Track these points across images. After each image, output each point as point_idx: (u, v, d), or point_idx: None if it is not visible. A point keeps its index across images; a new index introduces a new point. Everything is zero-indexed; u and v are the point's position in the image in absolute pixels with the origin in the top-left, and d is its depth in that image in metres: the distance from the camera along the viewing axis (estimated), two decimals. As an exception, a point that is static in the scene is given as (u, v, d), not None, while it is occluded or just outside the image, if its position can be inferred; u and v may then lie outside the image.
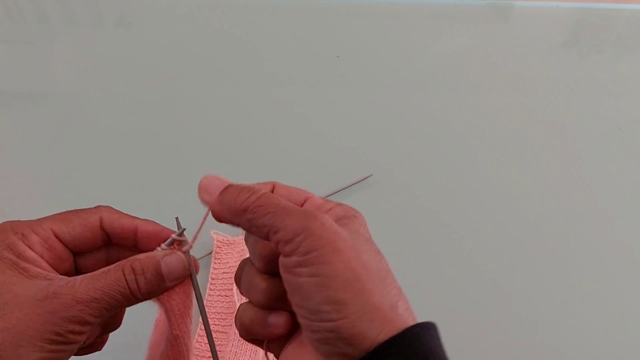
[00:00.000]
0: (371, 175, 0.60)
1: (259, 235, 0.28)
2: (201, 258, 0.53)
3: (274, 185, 0.32)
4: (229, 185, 0.30)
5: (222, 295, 0.51)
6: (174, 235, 0.32)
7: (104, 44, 0.77)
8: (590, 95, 0.71)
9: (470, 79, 0.72)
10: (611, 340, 0.50)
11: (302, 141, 0.65)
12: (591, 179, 0.62)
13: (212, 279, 0.52)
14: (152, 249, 0.33)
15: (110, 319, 0.34)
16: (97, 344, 0.35)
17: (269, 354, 0.31)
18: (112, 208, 0.34)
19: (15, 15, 0.81)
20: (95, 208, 0.33)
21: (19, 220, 0.31)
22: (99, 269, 0.33)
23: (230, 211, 0.29)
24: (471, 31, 0.79)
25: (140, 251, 0.33)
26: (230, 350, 0.47)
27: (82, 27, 0.80)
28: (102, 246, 0.34)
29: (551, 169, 0.62)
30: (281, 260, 0.27)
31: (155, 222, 0.34)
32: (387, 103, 0.69)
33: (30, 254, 0.30)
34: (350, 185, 0.60)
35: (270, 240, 0.28)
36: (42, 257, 0.31)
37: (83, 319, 0.28)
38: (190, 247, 0.33)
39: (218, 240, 0.54)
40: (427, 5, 0.83)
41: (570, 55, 0.77)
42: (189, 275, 0.33)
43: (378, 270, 0.28)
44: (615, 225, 0.58)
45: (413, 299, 0.52)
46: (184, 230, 0.33)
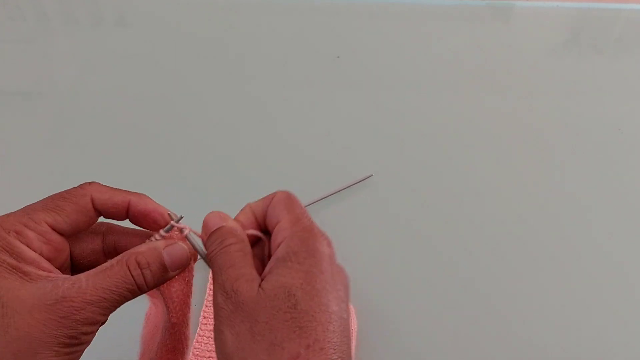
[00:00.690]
0: (371, 175, 0.60)
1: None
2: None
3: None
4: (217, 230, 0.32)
5: None
6: (172, 222, 0.32)
7: (104, 43, 0.77)
8: (589, 96, 0.71)
9: (470, 79, 0.72)
10: (609, 341, 0.50)
11: (302, 141, 0.65)
12: (591, 179, 0.62)
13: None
14: (146, 226, 0.33)
15: None
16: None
17: None
18: (99, 184, 0.33)
19: (14, 15, 0.81)
20: (81, 188, 0.32)
21: (5, 215, 0.30)
22: (95, 256, 0.33)
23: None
24: (471, 31, 0.79)
25: (141, 237, 0.33)
26: None
27: (82, 27, 0.80)
28: (98, 233, 0.34)
29: (551, 169, 0.62)
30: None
31: (147, 197, 0.33)
32: (387, 103, 0.69)
33: (30, 254, 0.29)
34: (350, 185, 0.59)
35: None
36: (42, 254, 0.30)
37: (94, 319, 0.28)
38: (190, 231, 0.32)
39: None
40: (427, 5, 0.83)
41: (570, 56, 0.77)
42: (190, 263, 0.33)
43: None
44: (616, 225, 0.58)
45: (413, 299, 0.53)
46: (182, 217, 0.33)
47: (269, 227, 0.32)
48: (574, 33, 0.81)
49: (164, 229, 0.32)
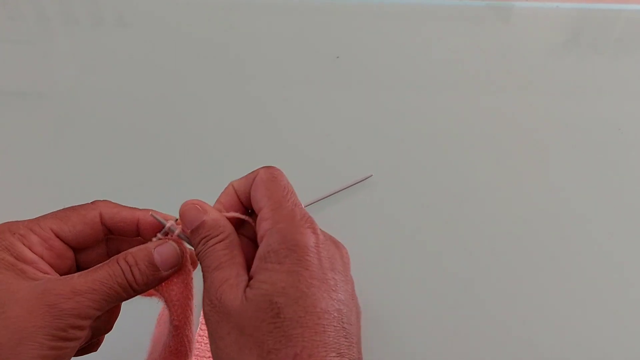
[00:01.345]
0: (371, 175, 0.60)
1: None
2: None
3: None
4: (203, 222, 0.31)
5: None
6: (168, 225, 0.32)
7: (104, 43, 0.77)
8: (590, 96, 0.71)
9: (470, 79, 0.72)
10: (610, 341, 0.50)
11: (302, 141, 0.65)
12: (591, 179, 0.62)
13: None
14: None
15: (101, 322, 0.33)
16: (92, 345, 0.34)
17: None
18: (110, 201, 0.34)
19: (14, 15, 0.81)
20: (92, 203, 0.33)
21: (16, 221, 0.31)
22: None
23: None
24: (471, 31, 0.79)
25: (143, 242, 0.33)
26: None
27: (82, 27, 0.80)
28: (102, 240, 0.34)
29: (551, 169, 0.62)
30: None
31: (155, 212, 0.34)
32: (387, 103, 0.69)
33: (30, 255, 0.30)
34: (350, 185, 0.59)
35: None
36: (42, 257, 0.30)
37: (83, 311, 0.28)
38: (182, 232, 0.32)
39: None
40: (427, 5, 0.83)
41: (570, 56, 0.77)
42: (183, 263, 0.33)
43: None
44: (615, 225, 0.58)
45: (413, 299, 0.53)
46: (177, 220, 0.33)
47: (254, 210, 0.31)
48: (574, 33, 0.81)
49: (161, 232, 0.33)
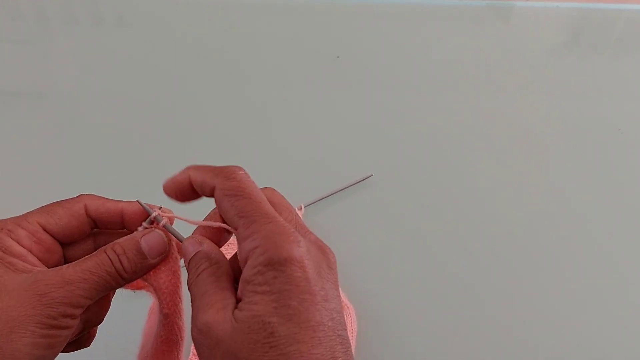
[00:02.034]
0: (371, 175, 0.60)
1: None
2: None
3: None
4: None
5: None
6: (153, 214, 0.33)
7: (104, 43, 0.77)
8: (590, 96, 0.71)
9: (470, 79, 0.72)
10: (610, 341, 0.50)
11: (302, 141, 0.65)
12: (591, 179, 0.62)
13: None
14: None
15: (92, 313, 0.33)
16: (84, 339, 0.34)
17: None
18: (94, 195, 0.34)
19: (14, 15, 0.81)
20: (77, 197, 0.33)
21: (9, 218, 0.31)
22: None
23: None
24: (471, 31, 0.79)
25: (128, 232, 0.33)
26: None
27: (82, 27, 0.80)
28: (90, 235, 0.34)
29: (551, 170, 0.62)
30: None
31: (141, 201, 0.34)
32: (387, 103, 0.69)
33: (18, 248, 0.30)
34: (350, 185, 0.60)
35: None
36: (31, 251, 0.31)
37: (74, 300, 0.29)
38: (167, 221, 0.33)
39: None
40: (427, 5, 0.83)
41: (570, 56, 0.77)
42: (170, 251, 0.33)
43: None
44: (615, 225, 0.58)
45: (412, 299, 0.53)
46: (160, 208, 0.33)
47: (231, 228, 0.31)
48: (574, 33, 0.81)
49: (146, 221, 0.33)
